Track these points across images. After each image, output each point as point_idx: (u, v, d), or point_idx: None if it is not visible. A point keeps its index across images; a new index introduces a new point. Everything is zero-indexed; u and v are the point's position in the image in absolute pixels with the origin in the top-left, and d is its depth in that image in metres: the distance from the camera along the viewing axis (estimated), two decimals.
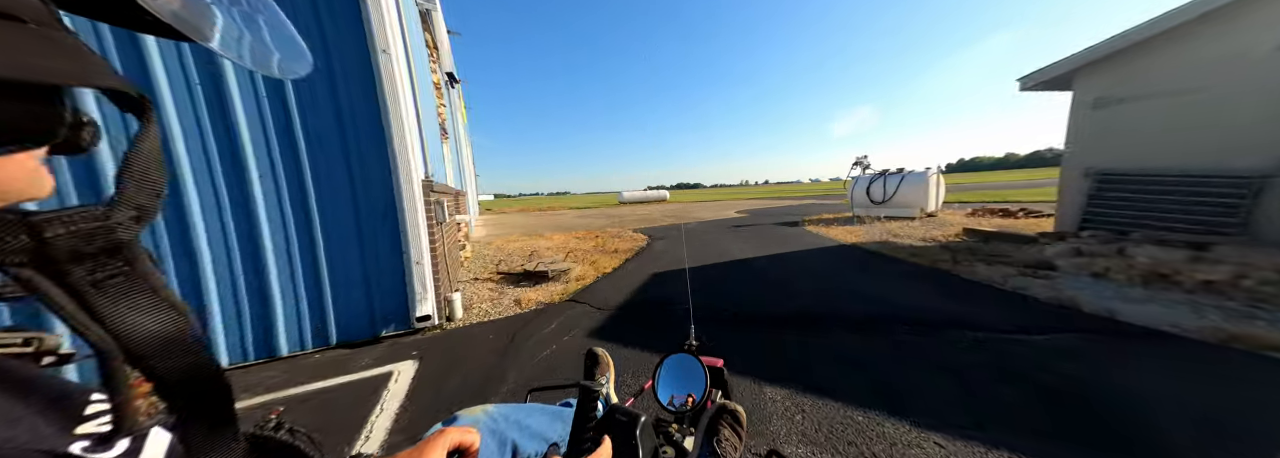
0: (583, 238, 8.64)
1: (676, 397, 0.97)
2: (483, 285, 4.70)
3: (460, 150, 10.48)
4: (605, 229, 10.71)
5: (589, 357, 1.41)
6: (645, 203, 28.89)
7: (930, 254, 5.22)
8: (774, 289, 4.12)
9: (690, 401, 0.96)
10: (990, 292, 3.73)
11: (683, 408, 0.95)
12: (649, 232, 9.77)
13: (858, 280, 4.30)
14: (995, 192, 18.79)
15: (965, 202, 13.14)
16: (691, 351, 1.05)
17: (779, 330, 2.98)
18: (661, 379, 1.00)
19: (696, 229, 9.89)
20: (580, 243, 7.85)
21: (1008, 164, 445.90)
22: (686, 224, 11.47)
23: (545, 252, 6.86)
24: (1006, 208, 8.91)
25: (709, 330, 2.96)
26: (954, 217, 9.03)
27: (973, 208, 10.19)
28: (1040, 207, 9.20)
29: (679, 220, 12.75)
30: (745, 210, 15.95)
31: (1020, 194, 15.60)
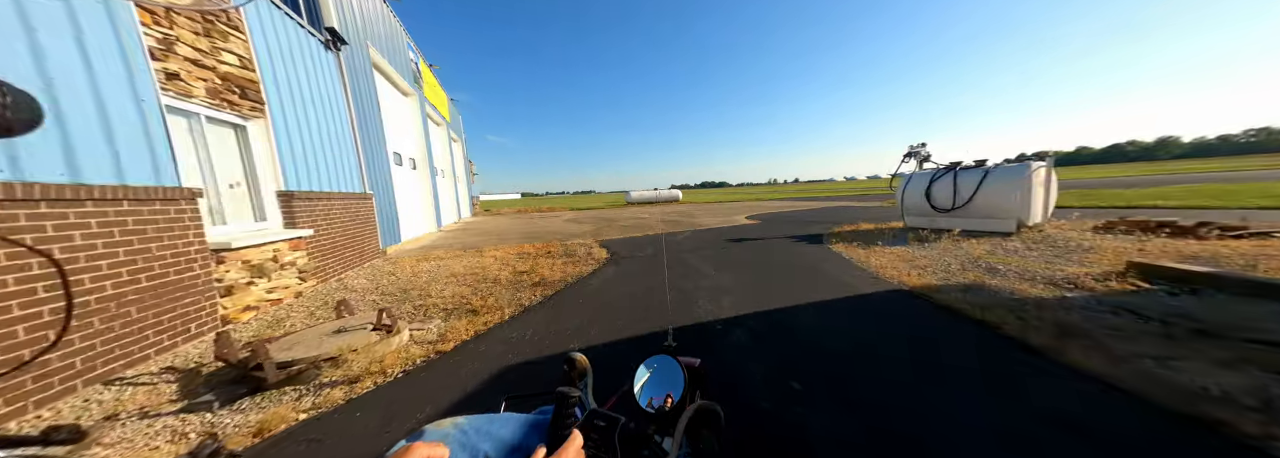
0: (524, 257, 6.21)
1: (655, 398, 0.99)
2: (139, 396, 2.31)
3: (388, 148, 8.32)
4: (572, 239, 8.26)
5: (567, 362, 1.40)
6: (654, 203, 26.04)
7: (1120, 336, 2.38)
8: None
9: (669, 401, 0.97)
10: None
11: (662, 409, 0.96)
12: (620, 246, 7.21)
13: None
14: (1102, 191, 14.49)
15: (1067, 206, 9.47)
16: (669, 351, 1.10)
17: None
18: (640, 381, 1.04)
19: (684, 244, 7.21)
20: (506, 268, 5.41)
21: (1082, 159, 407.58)
22: (678, 234, 8.75)
23: (434, 287, 4.48)
24: (1166, 221, 5.59)
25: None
26: (1082, 234, 5.74)
27: (1104, 220, 6.71)
28: (1221, 217, 5.85)
29: (675, 228, 10.05)
30: (759, 215, 12.86)
31: (1144, 196, 11.51)
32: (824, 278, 4.29)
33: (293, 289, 4.26)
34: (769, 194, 35.70)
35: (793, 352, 2.51)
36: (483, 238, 9.49)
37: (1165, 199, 10.00)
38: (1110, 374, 2.04)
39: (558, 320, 3.29)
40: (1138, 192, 13.03)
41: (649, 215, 14.90)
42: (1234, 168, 30.57)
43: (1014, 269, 4.13)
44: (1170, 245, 4.65)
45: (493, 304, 3.72)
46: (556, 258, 6.06)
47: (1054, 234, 5.79)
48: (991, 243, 5.55)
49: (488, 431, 0.80)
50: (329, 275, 5.05)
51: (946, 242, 5.85)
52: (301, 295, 4.34)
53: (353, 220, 5.90)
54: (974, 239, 5.89)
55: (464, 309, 3.63)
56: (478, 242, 8.69)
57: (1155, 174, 28.07)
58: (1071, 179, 27.34)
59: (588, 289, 4.28)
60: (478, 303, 3.76)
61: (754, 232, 8.63)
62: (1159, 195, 11.05)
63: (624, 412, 0.87)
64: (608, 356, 2.55)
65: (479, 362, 2.58)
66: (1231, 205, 8.08)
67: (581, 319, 3.29)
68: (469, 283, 4.62)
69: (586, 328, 3.09)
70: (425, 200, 10.85)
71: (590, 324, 3.17)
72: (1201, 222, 5.27)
